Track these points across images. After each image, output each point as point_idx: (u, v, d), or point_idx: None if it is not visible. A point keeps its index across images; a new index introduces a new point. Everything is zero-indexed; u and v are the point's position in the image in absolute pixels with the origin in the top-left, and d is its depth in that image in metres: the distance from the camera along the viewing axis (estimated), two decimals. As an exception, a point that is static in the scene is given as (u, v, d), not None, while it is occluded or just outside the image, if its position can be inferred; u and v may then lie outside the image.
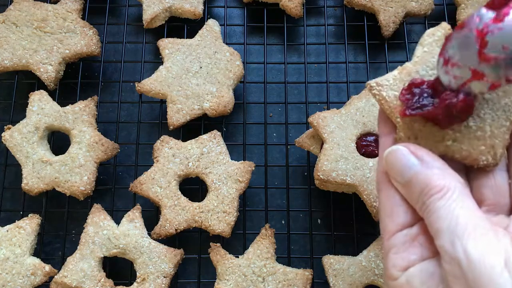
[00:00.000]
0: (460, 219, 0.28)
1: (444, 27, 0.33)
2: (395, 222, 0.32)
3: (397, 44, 0.61)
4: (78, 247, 0.50)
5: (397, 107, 0.32)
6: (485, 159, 0.31)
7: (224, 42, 0.58)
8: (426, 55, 0.33)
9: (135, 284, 0.49)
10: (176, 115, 0.54)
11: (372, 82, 0.33)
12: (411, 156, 0.31)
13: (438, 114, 0.30)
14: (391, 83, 0.33)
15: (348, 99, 0.54)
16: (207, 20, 0.59)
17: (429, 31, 0.34)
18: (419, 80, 0.31)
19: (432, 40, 0.33)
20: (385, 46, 0.60)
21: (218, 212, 0.51)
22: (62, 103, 0.55)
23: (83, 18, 0.59)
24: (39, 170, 0.52)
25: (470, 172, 0.34)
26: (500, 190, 0.33)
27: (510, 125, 0.31)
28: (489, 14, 0.27)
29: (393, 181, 0.32)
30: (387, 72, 0.58)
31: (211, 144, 0.53)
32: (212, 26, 0.58)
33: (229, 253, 0.50)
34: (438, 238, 0.29)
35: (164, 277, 0.49)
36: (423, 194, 0.30)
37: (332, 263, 0.49)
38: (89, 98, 0.55)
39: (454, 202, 0.29)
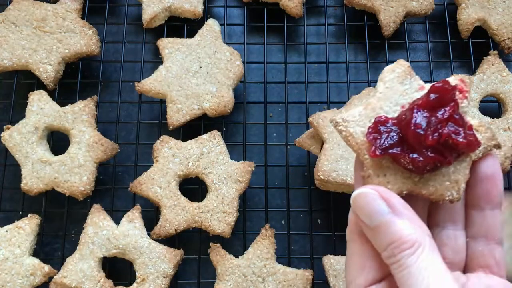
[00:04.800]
0: (430, 278, 0.28)
1: (402, 64, 0.34)
2: (365, 277, 0.32)
3: (398, 43, 0.61)
4: (77, 247, 0.50)
5: (364, 144, 0.32)
6: (450, 194, 0.32)
7: (224, 42, 0.58)
8: (388, 91, 0.34)
9: (134, 284, 0.49)
10: (176, 115, 0.54)
11: (338, 118, 0.33)
12: (381, 201, 0.31)
13: (406, 163, 0.31)
14: (357, 119, 0.33)
15: (348, 99, 0.54)
16: (207, 19, 0.59)
17: (388, 67, 0.34)
18: (383, 117, 0.32)
19: (393, 76, 0.34)
20: (385, 45, 0.60)
21: (218, 212, 0.51)
22: (62, 103, 0.55)
23: (82, 18, 0.59)
24: (39, 170, 0.52)
25: (430, 226, 0.34)
26: (458, 249, 0.33)
27: (470, 161, 0.32)
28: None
29: (359, 221, 0.32)
30: (387, 72, 0.58)
31: (211, 144, 0.53)
32: (212, 26, 0.58)
33: (229, 253, 0.50)
34: None
35: (164, 277, 0.49)
36: (394, 246, 0.30)
37: (332, 263, 0.49)
38: (89, 98, 0.55)
39: (425, 259, 0.29)
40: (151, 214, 0.53)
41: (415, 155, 0.30)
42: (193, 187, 0.54)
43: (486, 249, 0.33)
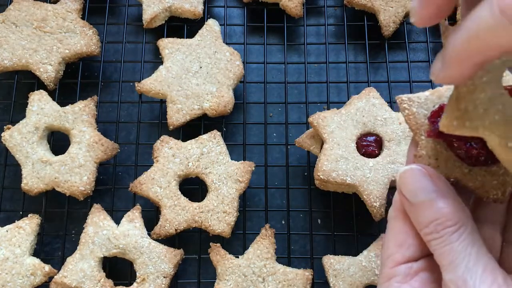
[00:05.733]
0: (472, 256, 0.29)
1: None
2: (403, 254, 0.33)
3: (397, 44, 0.61)
4: (77, 247, 0.50)
5: (423, 126, 0.33)
6: (496, 193, 0.32)
7: (224, 42, 0.58)
8: None
9: (134, 284, 0.49)
10: (176, 115, 0.54)
11: (403, 97, 0.34)
12: (428, 180, 0.31)
13: (461, 151, 0.31)
14: (422, 102, 0.34)
15: (348, 99, 0.54)
16: (207, 20, 0.59)
17: None
18: None
19: None
20: (385, 46, 0.60)
21: (218, 212, 0.51)
22: (62, 103, 0.55)
23: (83, 18, 0.59)
24: (39, 170, 0.52)
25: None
26: (493, 249, 0.34)
27: None
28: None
29: (401, 197, 0.32)
30: (387, 72, 0.58)
31: (211, 144, 0.53)
32: (212, 26, 0.58)
33: (229, 253, 0.50)
34: (449, 272, 0.29)
35: (164, 277, 0.49)
36: (437, 223, 0.30)
37: (332, 263, 0.49)
38: (89, 98, 0.55)
39: (467, 238, 0.29)
40: (151, 214, 0.54)
41: (471, 145, 0.31)
42: (193, 187, 0.54)
43: None
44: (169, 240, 0.51)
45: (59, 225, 0.54)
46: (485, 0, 0.22)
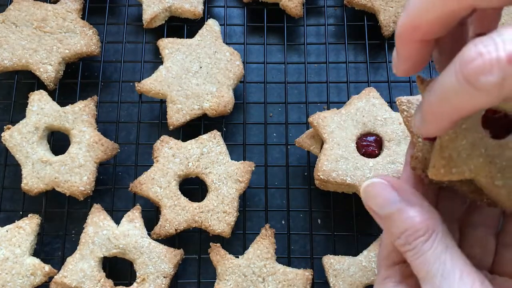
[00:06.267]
0: (447, 264, 0.28)
1: None
2: (400, 254, 0.32)
3: (397, 44, 0.61)
4: (77, 247, 0.50)
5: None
6: (489, 197, 0.32)
7: (224, 42, 0.58)
8: None
9: (135, 284, 0.49)
10: (176, 115, 0.54)
11: (403, 98, 0.35)
12: (392, 190, 0.31)
13: None
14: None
15: (348, 99, 0.54)
16: (207, 20, 0.59)
17: None
18: None
19: None
20: (385, 46, 0.60)
21: (218, 212, 0.51)
22: (62, 103, 0.55)
23: (83, 18, 0.59)
24: (39, 170, 0.52)
25: (462, 227, 0.35)
26: (487, 252, 0.34)
27: None
28: None
29: (370, 211, 0.32)
30: (387, 72, 0.58)
31: (211, 144, 0.53)
32: (212, 26, 0.58)
33: (229, 253, 0.50)
34: (427, 283, 0.29)
35: (164, 277, 0.49)
36: (408, 234, 0.30)
37: (332, 263, 0.49)
38: (89, 98, 0.55)
39: (439, 245, 0.29)
40: (151, 214, 0.54)
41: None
42: (193, 187, 0.54)
43: None
44: (169, 240, 0.51)
45: (59, 225, 0.55)
46: (451, 64, 0.23)
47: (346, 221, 0.54)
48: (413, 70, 0.29)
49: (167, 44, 0.57)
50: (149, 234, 0.51)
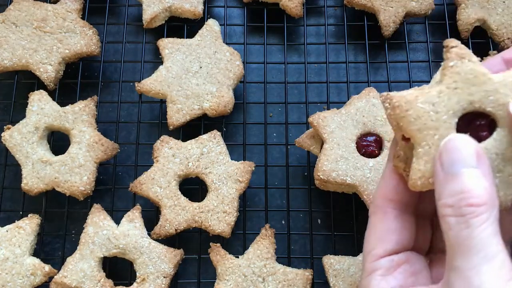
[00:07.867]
0: (493, 248, 0.27)
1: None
2: (384, 248, 0.33)
3: (397, 44, 0.61)
4: (78, 247, 0.50)
5: None
6: None
7: (224, 42, 0.58)
8: None
9: (134, 284, 0.49)
10: (176, 115, 0.54)
11: (386, 94, 0.33)
12: (473, 154, 0.29)
13: None
14: None
15: (348, 99, 0.54)
16: (207, 20, 0.59)
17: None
18: None
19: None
20: (385, 46, 0.60)
21: (218, 212, 0.51)
22: (62, 103, 0.55)
23: (83, 18, 0.59)
24: (39, 170, 0.52)
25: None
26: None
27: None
28: None
29: (437, 165, 0.30)
30: (387, 72, 0.58)
31: (211, 144, 0.53)
32: (212, 26, 0.58)
33: (229, 253, 0.50)
34: (460, 258, 0.27)
35: (164, 277, 0.49)
36: (461, 197, 0.28)
37: (332, 263, 0.49)
38: (89, 98, 0.55)
39: (491, 226, 0.28)
40: (151, 214, 0.54)
41: None
42: (193, 187, 0.54)
43: None
44: (169, 240, 0.51)
45: (59, 225, 0.55)
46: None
47: (346, 221, 0.54)
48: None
49: (167, 44, 0.57)
50: (149, 234, 0.51)
